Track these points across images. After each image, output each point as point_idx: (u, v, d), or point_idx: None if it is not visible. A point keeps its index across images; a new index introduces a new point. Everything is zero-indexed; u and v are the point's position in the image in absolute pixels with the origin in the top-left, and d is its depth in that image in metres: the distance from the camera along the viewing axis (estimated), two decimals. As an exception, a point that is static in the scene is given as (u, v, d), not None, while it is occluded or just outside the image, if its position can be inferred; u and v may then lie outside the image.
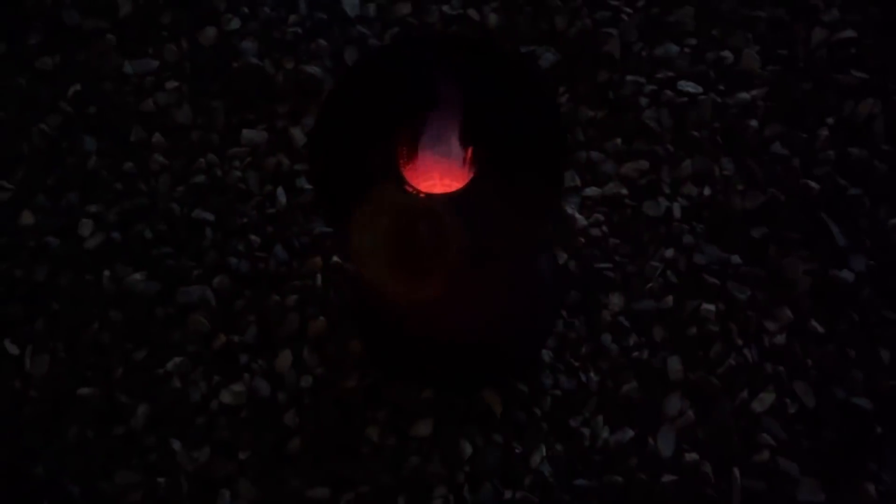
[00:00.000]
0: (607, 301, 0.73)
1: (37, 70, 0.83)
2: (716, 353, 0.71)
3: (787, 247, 0.74)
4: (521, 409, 0.70)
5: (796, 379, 0.70)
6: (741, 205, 0.75)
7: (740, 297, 0.72)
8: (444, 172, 0.46)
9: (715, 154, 0.77)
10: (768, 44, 0.80)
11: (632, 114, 0.78)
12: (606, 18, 0.82)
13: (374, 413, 0.70)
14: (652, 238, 0.75)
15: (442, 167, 0.45)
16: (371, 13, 0.83)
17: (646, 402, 0.70)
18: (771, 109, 0.78)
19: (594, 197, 0.76)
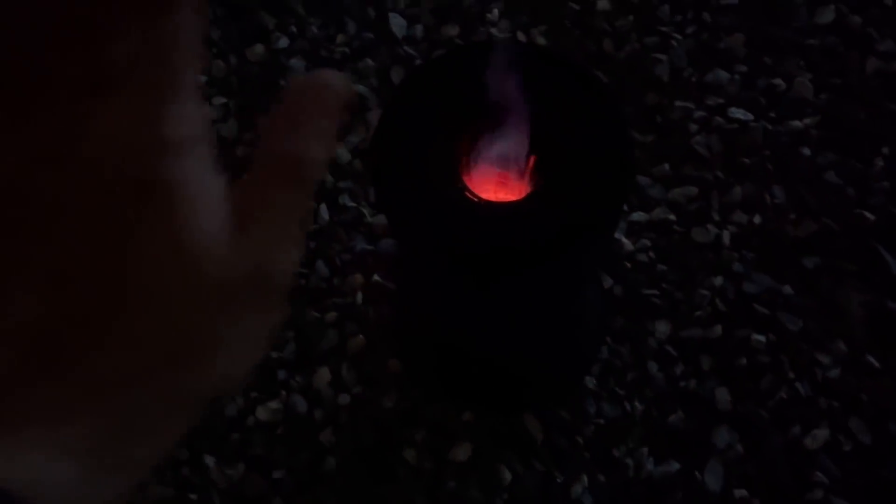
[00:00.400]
0: (654, 328, 0.71)
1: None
2: (766, 385, 0.69)
3: (841, 277, 0.72)
4: (562, 437, 0.68)
5: (851, 415, 0.68)
6: (793, 233, 0.73)
7: (792, 328, 0.70)
8: (501, 184, 0.45)
9: (766, 181, 0.75)
10: (821, 72, 0.79)
11: (680, 139, 0.77)
12: (655, 43, 0.81)
13: (411, 434, 0.69)
14: (700, 265, 0.73)
15: (500, 178, 0.44)
16: (418, 34, 0.84)
17: (693, 434, 0.68)
18: (824, 138, 0.77)
19: (641, 222, 0.74)
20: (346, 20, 0.85)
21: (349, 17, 0.85)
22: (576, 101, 0.43)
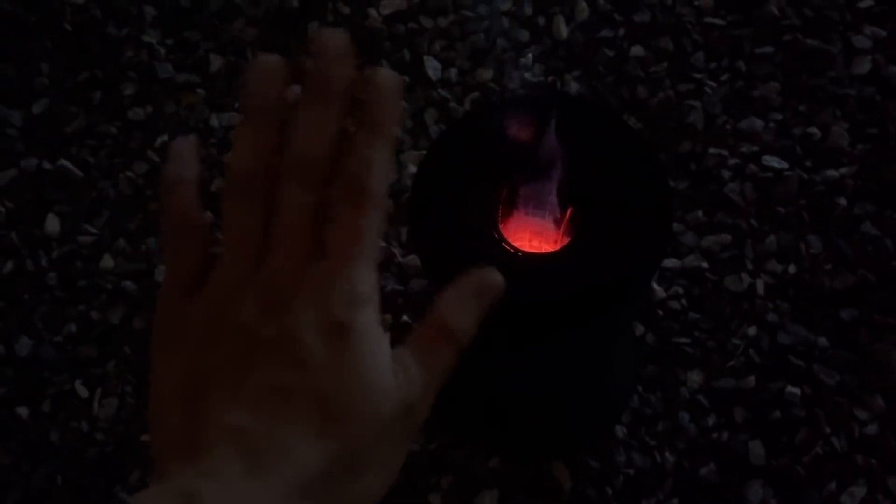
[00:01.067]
0: (685, 377, 0.70)
1: (128, 119, 0.86)
2: (801, 439, 0.67)
3: (879, 331, 0.70)
4: (591, 486, 0.67)
5: (890, 473, 0.66)
6: (829, 285, 0.72)
7: (828, 381, 0.69)
8: (535, 234, 0.45)
9: (801, 231, 0.74)
10: (858, 122, 0.79)
11: (714, 186, 0.77)
12: (689, 90, 0.81)
13: (438, 479, 0.68)
14: (734, 314, 0.72)
15: (534, 229, 0.44)
16: (453, 77, 0.85)
17: (725, 487, 0.66)
18: (860, 188, 0.76)
19: (674, 269, 0.74)
20: (382, 62, 0.86)
21: (385, 59, 0.86)
22: (613, 150, 0.43)
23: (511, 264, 0.39)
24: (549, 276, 0.40)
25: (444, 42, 0.87)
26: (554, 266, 0.41)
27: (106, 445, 0.72)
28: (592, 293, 0.40)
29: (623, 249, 0.41)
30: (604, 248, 0.41)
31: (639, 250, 0.41)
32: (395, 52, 0.86)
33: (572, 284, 0.40)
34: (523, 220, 0.44)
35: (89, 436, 0.72)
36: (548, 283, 0.40)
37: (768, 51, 0.82)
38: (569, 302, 0.40)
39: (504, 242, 0.41)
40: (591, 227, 0.41)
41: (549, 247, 0.45)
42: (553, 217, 0.43)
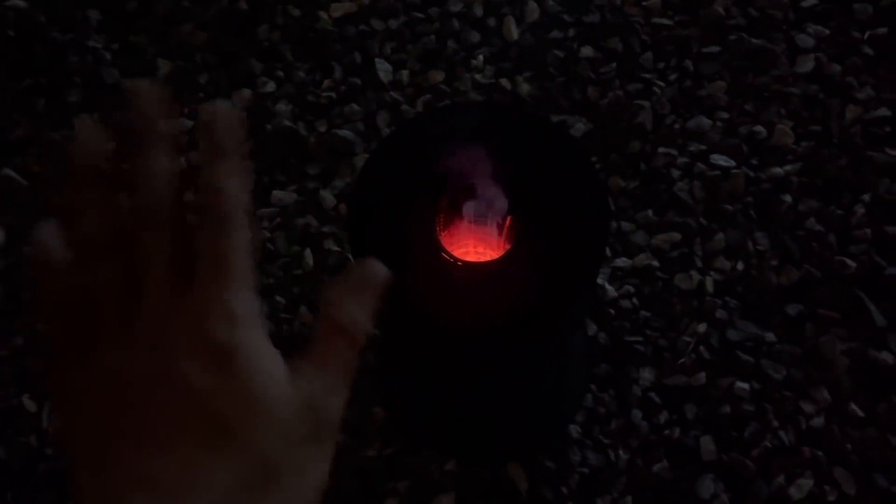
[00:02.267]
0: (638, 375, 0.71)
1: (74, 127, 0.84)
2: (751, 433, 0.68)
3: (824, 325, 0.72)
4: (547, 487, 0.67)
5: (835, 465, 0.67)
6: (776, 281, 0.74)
7: (776, 376, 0.70)
8: (479, 241, 0.45)
9: (748, 228, 0.76)
10: (802, 119, 0.80)
11: (664, 185, 0.78)
12: (639, 90, 0.82)
13: (394, 484, 0.68)
14: (684, 312, 0.73)
15: (477, 236, 0.44)
16: (404, 80, 0.84)
17: (677, 483, 0.67)
18: (805, 185, 0.77)
19: (625, 268, 0.75)
20: (333, 65, 0.85)
21: (336, 62, 0.86)
22: (551, 158, 0.44)
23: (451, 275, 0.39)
24: (488, 286, 0.41)
25: (395, 44, 0.86)
26: (493, 275, 0.41)
27: (56, 460, 0.70)
28: (533, 301, 0.40)
29: (562, 255, 0.41)
30: (543, 255, 0.41)
31: (578, 255, 0.41)
32: (345, 54, 0.86)
33: (512, 293, 0.40)
34: (466, 228, 0.44)
35: (39, 451, 0.71)
36: (488, 295, 0.40)
37: (715, 50, 0.83)
38: (509, 310, 0.40)
39: (444, 252, 0.41)
40: (531, 235, 0.42)
41: (492, 253, 0.45)
42: (495, 224, 0.43)
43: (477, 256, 0.46)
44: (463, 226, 0.44)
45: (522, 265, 0.42)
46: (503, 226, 0.43)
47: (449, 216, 0.43)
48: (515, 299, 0.43)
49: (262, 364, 0.29)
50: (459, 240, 0.44)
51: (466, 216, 0.42)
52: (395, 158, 0.45)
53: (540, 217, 0.43)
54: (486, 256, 0.46)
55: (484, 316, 0.42)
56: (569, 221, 0.42)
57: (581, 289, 0.45)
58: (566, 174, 0.43)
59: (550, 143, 0.44)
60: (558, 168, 0.44)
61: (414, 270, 0.38)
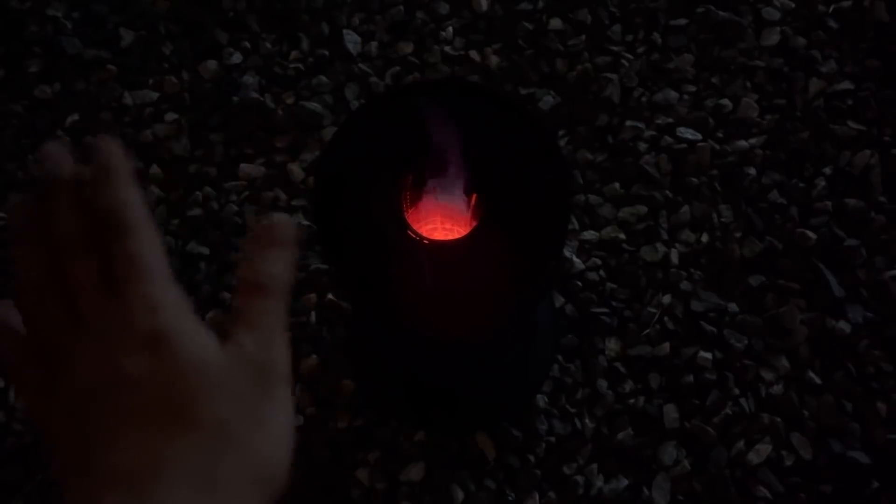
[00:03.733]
0: (604, 346, 0.72)
1: (35, 98, 0.83)
2: (712, 401, 0.70)
3: (784, 296, 0.73)
4: (514, 455, 0.69)
5: (793, 430, 0.69)
6: (739, 252, 0.75)
7: (737, 345, 0.72)
8: (447, 218, 0.45)
9: (713, 201, 0.77)
10: (766, 93, 0.81)
11: (631, 158, 0.78)
12: (607, 63, 0.82)
13: (364, 455, 0.69)
14: (649, 283, 0.74)
15: (444, 213, 0.45)
16: (373, 51, 0.84)
17: (641, 451, 0.69)
18: (769, 158, 0.78)
19: (592, 241, 0.76)
20: (300, 36, 0.84)
21: (303, 33, 0.85)
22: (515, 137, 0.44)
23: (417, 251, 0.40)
24: (455, 262, 0.41)
25: (364, 15, 0.85)
26: (458, 253, 0.42)
27: (24, 435, 0.70)
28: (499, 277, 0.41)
29: (527, 231, 0.42)
30: (508, 232, 0.42)
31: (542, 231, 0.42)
32: (313, 25, 0.85)
33: (478, 269, 0.41)
34: (432, 205, 0.44)
35: (6, 426, 0.71)
36: (454, 270, 0.41)
37: (682, 23, 0.84)
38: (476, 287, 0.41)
39: (410, 230, 0.42)
40: (497, 212, 0.42)
41: (459, 229, 0.46)
42: (460, 202, 0.43)
43: (444, 233, 0.47)
44: (429, 203, 0.44)
45: (488, 242, 0.43)
46: (469, 203, 0.43)
47: (415, 193, 0.43)
48: (482, 276, 0.43)
49: (191, 340, 0.31)
50: (426, 216, 0.45)
51: (432, 193, 0.42)
52: (360, 135, 0.45)
53: (505, 194, 0.43)
54: (453, 232, 0.46)
55: (451, 292, 0.43)
56: (533, 198, 0.43)
57: (546, 263, 0.45)
58: (530, 151, 0.44)
59: (515, 120, 0.45)
60: (522, 145, 0.44)
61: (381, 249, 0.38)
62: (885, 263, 0.74)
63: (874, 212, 0.76)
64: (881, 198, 0.77)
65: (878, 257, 0.75)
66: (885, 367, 0.71)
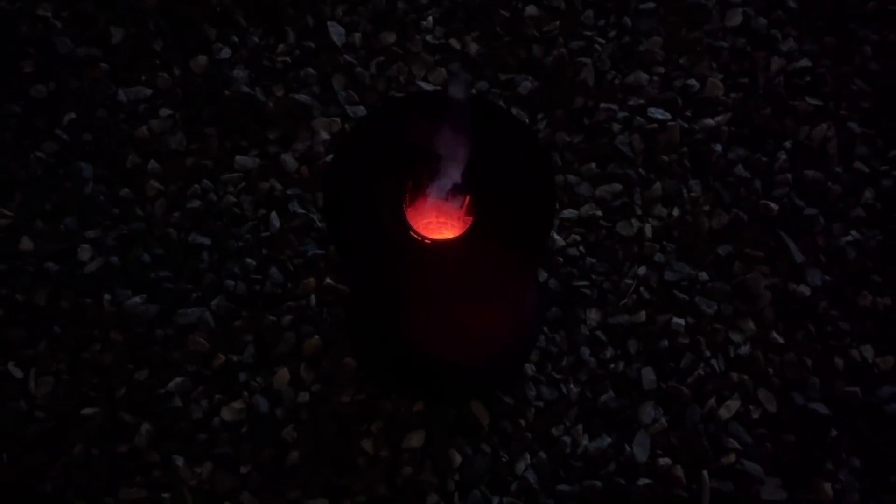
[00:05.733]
0: (585, 317, 0.78)
1: (31, 98, 0.85)
2: (686, 363, 0.76)
3: (750, 263, 0.79)
4: (506, 420, 0.74)
5: (759, 386, 0.76)
6: (708, 224, 0.81)
7: (708, 311, 0.78)
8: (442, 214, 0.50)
9: (683, 177, 0.82)
10: (731, 72, 0.86)
11: (606, 139, 0.83)
12: (581, 48, 0.86)
13: (368, 426, 0.74)
14: (625, 256, 0.80)
15: (440, 209, 0.49)
16: (357, 42, 0.87)
17: (622, 411, 0.75)
18: (734, 134, 0.84)
19: (571, 218, 0.81)
20: (287, 29, 0.88)
21: (289, 26, 0.88)
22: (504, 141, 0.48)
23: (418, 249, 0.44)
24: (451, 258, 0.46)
25: (346, 6, 0.89)
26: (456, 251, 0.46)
27: (46, 422, 0.75)
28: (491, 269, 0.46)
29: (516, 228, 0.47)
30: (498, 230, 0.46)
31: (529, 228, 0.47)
32: (298, 18, 0.88)
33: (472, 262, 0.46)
34: (429, 204, 0.48)
35: (29, 414, 0.75)
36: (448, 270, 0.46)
37: (651, 6, 0.88)
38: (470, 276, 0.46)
39: (412, 231, 0.46)
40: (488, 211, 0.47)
41: (452, 223, 0.50)
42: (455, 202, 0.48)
43: (438, 226, 0.51)
44: (427, 202, 0.48)
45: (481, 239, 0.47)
46: (463, 203, 0.47)
47: (414, 195, 0.48)
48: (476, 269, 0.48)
49: None
50: (424, 214, 0.49)
51: (429, 194, 0.47)
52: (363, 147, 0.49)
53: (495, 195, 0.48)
54: (448, 226, 0.51)
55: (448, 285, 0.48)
56: (521, 197, 0.48)
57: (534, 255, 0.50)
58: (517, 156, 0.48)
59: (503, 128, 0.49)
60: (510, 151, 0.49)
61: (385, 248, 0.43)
62: (841, 230, 0.80)
63: (831, 182, 0.82)
64: (837, 168, 0.83)
65: (836, 224, 0.81)
66: (842, 326, 0.77)
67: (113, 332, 0.77)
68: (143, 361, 0.76)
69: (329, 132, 0.84)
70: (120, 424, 0.74)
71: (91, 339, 0.77)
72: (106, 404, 0.75)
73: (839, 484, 0.72)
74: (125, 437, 0.74)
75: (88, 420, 0.75)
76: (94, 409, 0.75)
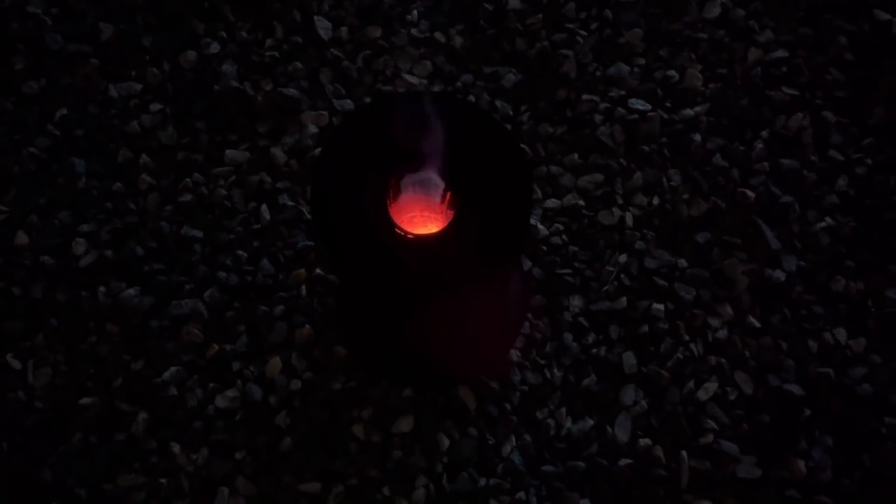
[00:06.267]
0: (568, 303, 0.80)
1: (23, 94, 0.87)
2: (665, 348, 0.79)
3: (727, 250, 0.82)
4: (493, 405, 0.77)
5: (736, 369, 0.79)
6: (687, 213, 0.83)
7: (686, 296, 0.80)
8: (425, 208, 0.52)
9: (663, 166, 0.84)
10: (710, 63, 0.88)
11: (588, 130, 0.85)
12: (563, 40, 0.88)
13: (359, 412, 0.77)
14: (607, 245, 0.82)
15: (423, 204, 0.51)
16: (344, 36, 0.89)
17: (604, 394, 0.78)
18: (712, 124, 0.86)
19: (554, 208, 0.83)
20: (274, 24, 0.89)
21: (277, 20, 0.89)
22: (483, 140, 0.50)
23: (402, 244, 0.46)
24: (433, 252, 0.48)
25: (333, 1, 0.90)
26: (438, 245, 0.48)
27: (45, 412, 0.77)
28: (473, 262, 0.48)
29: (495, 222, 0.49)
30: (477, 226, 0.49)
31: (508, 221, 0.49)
32: (285, 12, 0.89)
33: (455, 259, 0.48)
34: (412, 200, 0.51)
35: (28, 404, 0.77)
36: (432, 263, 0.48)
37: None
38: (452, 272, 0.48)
39: (397, 228, 0.48)
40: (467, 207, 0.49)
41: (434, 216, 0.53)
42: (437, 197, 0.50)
43: (423, 220, 0.53)
44: (410, 198, 0.50)
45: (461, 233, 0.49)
46: (444, 198, 0.50)
47: (397, 191, 0.50)
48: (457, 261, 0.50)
49: None
50: (408, 209, 0.51)
51: (412, 190, 0.49)
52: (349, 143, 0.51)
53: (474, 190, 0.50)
54: (431, 219, 0.53)
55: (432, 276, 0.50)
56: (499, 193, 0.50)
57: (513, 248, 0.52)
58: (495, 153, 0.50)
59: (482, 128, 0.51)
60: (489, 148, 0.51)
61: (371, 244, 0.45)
62: (815, 217, 0.83)
63: (806, 170, 0.84)
64: (812, 157, 0.85)
65: (810, 211, 0.83)
66: (816, 310, 0.80)
67: (108, 324, 0.79)
68: (138, 352, 0.78)
69: (317, 125, 0.85)
70: (117, 413, 0.77)
71: (87, 331, 0.79)
72: (103, 394, 0.77)
73: (812, 462, 0.75)
74: (123, 425, 0.76)
75: (86, 409, 0.77)
76: (91, 398, 0.77)
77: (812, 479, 0.75)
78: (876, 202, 0.83)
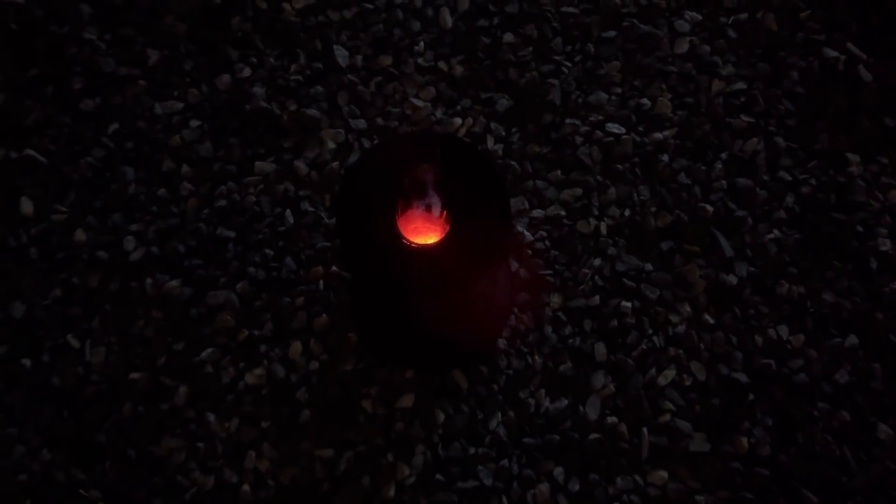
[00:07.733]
0: (549, 300, 0.93)
1: (81, 111, 0.99)
2: (631, 340, 0.91)
3: (687, 257, 0.94)
4: (482, 386, 0.89)
5: (692, 359, 0.91)
6: (654, 224, 0.96)
7: (651, 296, 0.93)
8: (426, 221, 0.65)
9: (634, 183, 0.97)
10: (678, 93, 1.00)
11: (570, 150, 0.98)
12: (550, 71, 1.01)
13: (367, 390, 0.89)
14: (584, 250, 0.95)
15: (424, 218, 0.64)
16: (359, 64, 1.01)
17: (578, 379, 0.90)
18: (679, 147, 0.98)
19: (539, 217, 0.96)
20: (298, 52, 1.02)
21: (300, 49, 1.02)
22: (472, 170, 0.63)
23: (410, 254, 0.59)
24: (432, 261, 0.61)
25: (350, 32, 1.03)
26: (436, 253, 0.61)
27: (101, 384, 0.90)
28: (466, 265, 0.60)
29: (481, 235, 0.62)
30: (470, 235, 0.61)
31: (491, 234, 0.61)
32: (308, 42, 1.02)
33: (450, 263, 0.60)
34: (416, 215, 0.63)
35: (85, 378, 0.90)
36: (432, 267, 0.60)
37: (612, 35, 1.02)
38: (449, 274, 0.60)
39: (403, 238, 0.61)
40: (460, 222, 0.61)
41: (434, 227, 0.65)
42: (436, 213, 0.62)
43: (424, 230, 0.66)
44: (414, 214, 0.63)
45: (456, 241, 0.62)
46: (442, 214, 0.62)
47: (404, 209, 0.62)
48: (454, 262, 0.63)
49: None
50: (413, 222, 0.64)
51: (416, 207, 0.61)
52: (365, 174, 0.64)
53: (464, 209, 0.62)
54: (430, 229, 0.66)
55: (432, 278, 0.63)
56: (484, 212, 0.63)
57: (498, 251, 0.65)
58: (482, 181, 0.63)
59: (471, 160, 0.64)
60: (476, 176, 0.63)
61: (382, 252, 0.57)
62: (766, 229, 0.95)
63: (759, 188, 0.97)
64: (765, 177, 0.97)
65: (761, 224, 0.96)
66: (762, 310, 0.93)
67: (154, 311, 0.92)
68: (179, 335, 0.91)
69: (335, 142, 0.98)
70: (162, 387, 0.90)
71: (136, 317, 0.92)
72: (150, 370, 0.90)
73: (754, 439, 0.88)
74: (166, 397, 0.89)
75: (135, 383, 0.90)
76: (139, 374, 0.90)
77: (753, 453, 0.87)
78: (818, 217, 0.95)
